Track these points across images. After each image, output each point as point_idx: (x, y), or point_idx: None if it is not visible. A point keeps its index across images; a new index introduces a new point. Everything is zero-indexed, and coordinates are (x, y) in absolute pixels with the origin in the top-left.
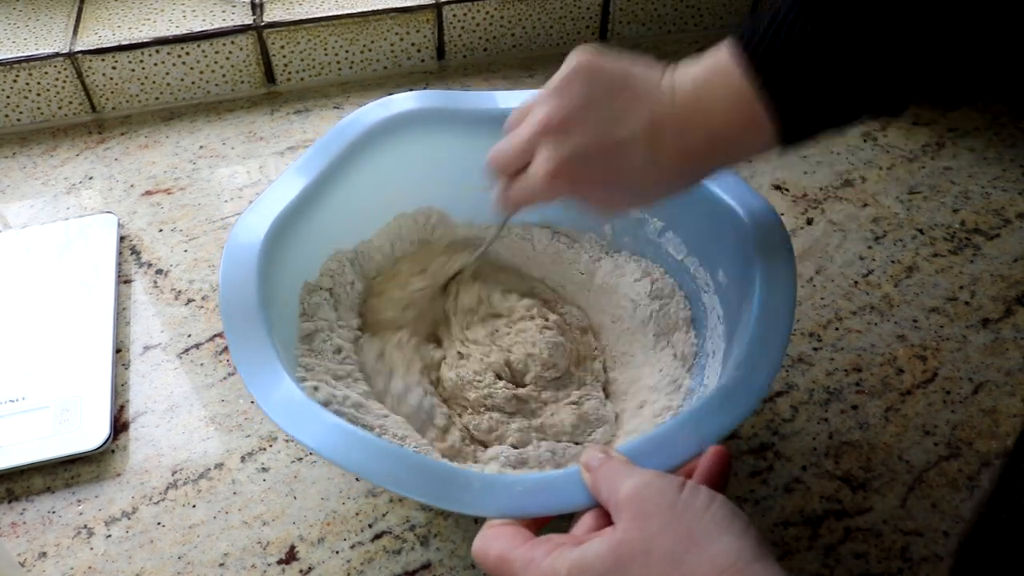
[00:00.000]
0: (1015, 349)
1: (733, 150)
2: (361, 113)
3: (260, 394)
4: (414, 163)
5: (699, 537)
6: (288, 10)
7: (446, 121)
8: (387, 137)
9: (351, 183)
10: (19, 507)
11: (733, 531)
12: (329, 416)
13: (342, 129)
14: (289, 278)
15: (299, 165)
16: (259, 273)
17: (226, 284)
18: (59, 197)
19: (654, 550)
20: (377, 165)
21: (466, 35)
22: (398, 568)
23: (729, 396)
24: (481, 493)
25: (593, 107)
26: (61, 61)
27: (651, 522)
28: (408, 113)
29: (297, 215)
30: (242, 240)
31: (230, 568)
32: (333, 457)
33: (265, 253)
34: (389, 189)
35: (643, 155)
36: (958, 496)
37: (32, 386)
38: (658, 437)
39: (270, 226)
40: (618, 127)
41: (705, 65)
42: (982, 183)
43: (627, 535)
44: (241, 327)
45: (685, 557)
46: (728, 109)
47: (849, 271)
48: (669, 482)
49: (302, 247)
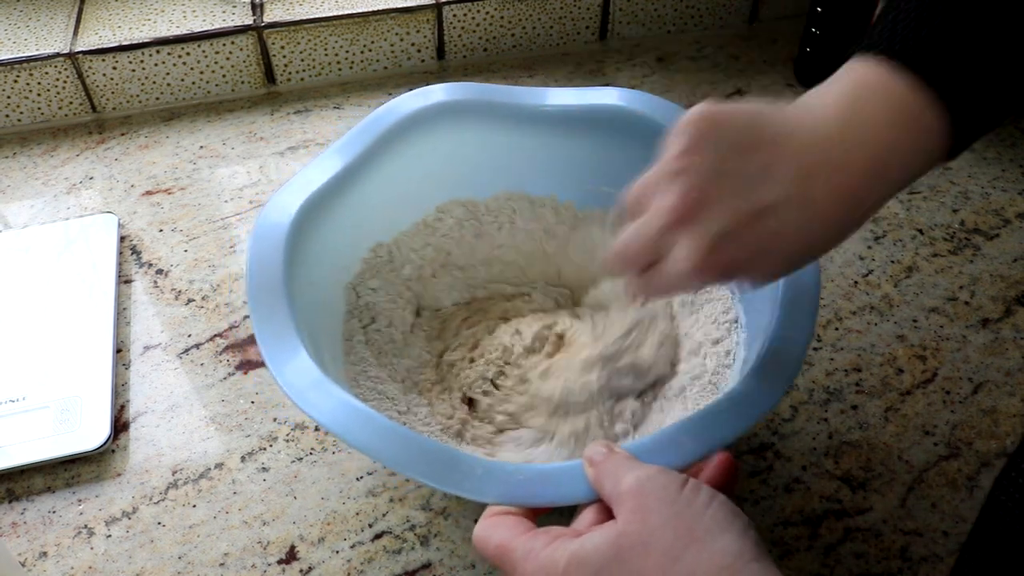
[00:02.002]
0: (1015, 349)
1: (900, 173)
2: (398, 102)
3: (275, 366)
4: (450, 154)
5: (699, 534)
6: (288, 10)
7: (483, 114)
8: (423, 127)
9: (385, 170)
10: (19, 507)
11: (733, 530)
12: (340, 393)
13: (379, 117)
14: (317, 258)
15: (336, 148)
16: (286, 249)
17: (254, 257)
18: (59, 197)
19: (654, 544)
20: (413, 154)
21: (466, 35)
22: (398, 568)
23: (737, 404)
24: (483, 479)
25: (728, 175)
26: (61, 61)
27: (652, 517)
28: (445, 104)
29: (329, 197)
30: (273, 217)
31: (230, 568)
32: (338, 431)
33: (294, 231)
34: (423, 179)
35: (798, 212)
36: (958, 496)
37: (32, 386)
38: (663, 438)
39: (301, 205)
40: (762, 189)
41: (842, 87)
42: (982, 183)
43: (627, 528)
44: (265, 300)
45: (684, 553)
46: (892, 124)
47: (849, 271)
48: (672, 478)
49: (332, 229)
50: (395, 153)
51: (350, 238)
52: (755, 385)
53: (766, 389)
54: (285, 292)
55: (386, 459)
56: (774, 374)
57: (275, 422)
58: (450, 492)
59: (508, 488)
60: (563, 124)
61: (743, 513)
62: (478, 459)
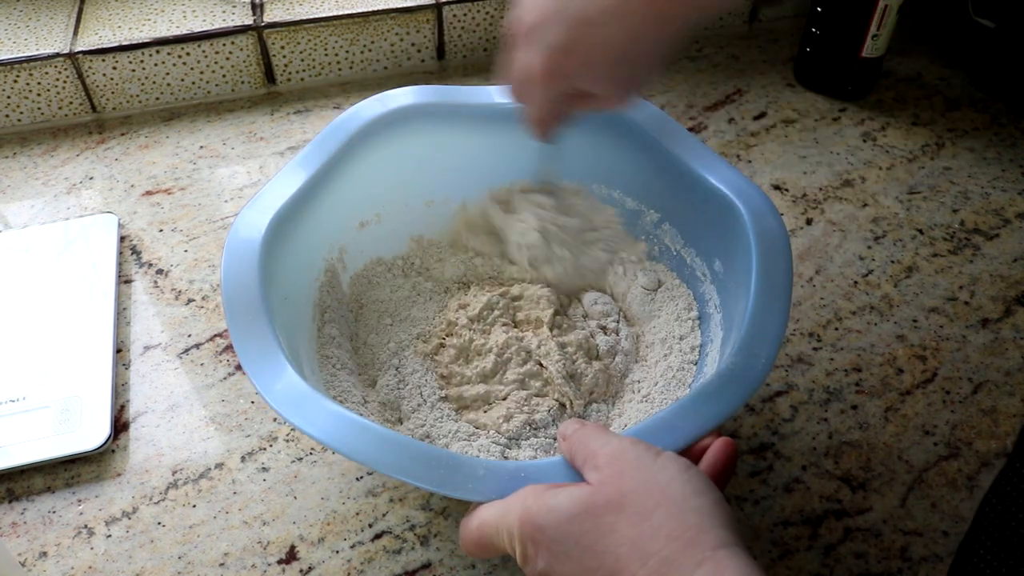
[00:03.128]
0: (1015, 349)
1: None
2: (358, 108)
3: (263, 385)
4: (412, 157)
5: (672, 495)
6: (288, 10)
7: (443, 116)
8: (385, 132)
9: (349, 178)
10: (19, 507)
11: (706, 498)
12: (332, 405)
13: (340, 124)
14: (290, 272)
15: (298, 160)
16: (260, 267)
17: (228, 277)
18: (59, 197)
19: (626, 503)
20: (375, 159)
21: (466, 35)
22: (398, 568)
23: (728, 382)
24: (485, 480)
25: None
26: (61, 61)
27: (627, 480)
28: (405, 108)
29: (297, 210)
30: (243, 235)
31: (230, 568)
32: (337, 446)
33: (266, 247)
34: (387, 183)
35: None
36: (958, 496)
37: (32, 386)
38: (658, 422)
39: (270, 221)
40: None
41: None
42: (982, 183)
43: (602, 487)
44: (244, 320)
45: (655, 511)
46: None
47: (849, 271)
48: (646, 448)
49: (302, 241)
50: (359, 160)
51: (318, 250)
52: (740, 362)
53: (752, 365)
54: (264, 309)
55: (388, 468)
56: (758, 348)
57: (275, 422)
58: (453, 496)
59: (511, 487)
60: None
61: (718, 490)
62: (479, 460)
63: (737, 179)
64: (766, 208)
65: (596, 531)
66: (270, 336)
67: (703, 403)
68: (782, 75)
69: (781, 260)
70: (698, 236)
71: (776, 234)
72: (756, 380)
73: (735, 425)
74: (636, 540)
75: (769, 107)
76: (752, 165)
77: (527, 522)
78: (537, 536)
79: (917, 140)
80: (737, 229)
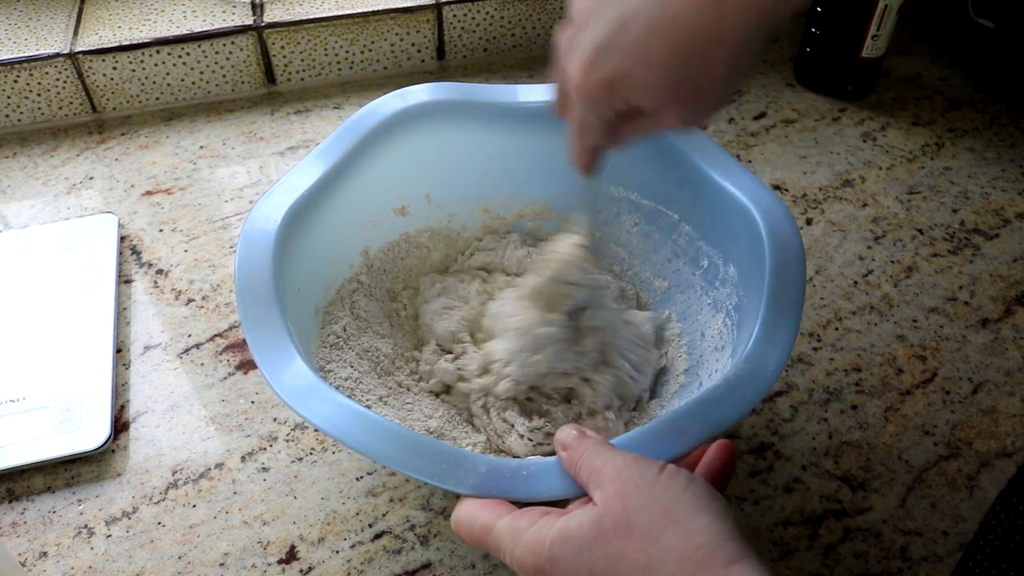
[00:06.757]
0: (1015, 349)
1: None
2: (378, 104)
3: (271, 373)
4: (430, 154)
5: (678, 515)
6: (288, 10)
7: (463, 113)
8: (403, 128)
9: (367, 174)
10: (20, 507)
11: (711, 512)
12: (338, 396)
13: (359, 119)
14: (304, 263)
15: (317, 153)
16: (274, 256)
17: (242, 265)
18: (59, 197)
19: (634, 525)
20: (393, 155)
21: (466, 35)
22: (398, 568)
23: (735, 388)
24: (487, 476)
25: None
26: (62, 61)
27: (631, 500)
28: (424, 104)
29: (313, 202)
30: (259, 224)
31: (230, 568)
32: (339, 436)
33: (281, 237)
34: (403, 180)
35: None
36: (958, 496)
37: (32, 386)
38: (661, 426)
39: (286, 211)
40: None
41: None
42: (982, 183)
43: (608, 509)
44: (255, 308)
45: (663, 533)
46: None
47: (849, 271)
48: (650, 464)
49: (317, 234)
50: (377, 155)
51: (335, 242)
52: (748, 369)
53: (760, 372)
54: (276, 299)
55: (390, 461)
56: (767, 356)
57: (275, 422)
58: (455, 491)
59: (513, 484)
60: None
61: (721, 497)
62: (481, 456)
63: (751, 183)
64: (779, 213)
65: (606, 558)
66: (281, 325)
67: (710, 408)
68: (782, 75)
69: (794, 269)
70: (715, 240)
71: (789, 241)
72: (763, 387)
73: (735, 425)
74: (647, 566)
75: (769, 107)
76: (752, 165)
77: (539, 554)
78: (548, 569)
79: (917, 140)
80: (750, 234)
